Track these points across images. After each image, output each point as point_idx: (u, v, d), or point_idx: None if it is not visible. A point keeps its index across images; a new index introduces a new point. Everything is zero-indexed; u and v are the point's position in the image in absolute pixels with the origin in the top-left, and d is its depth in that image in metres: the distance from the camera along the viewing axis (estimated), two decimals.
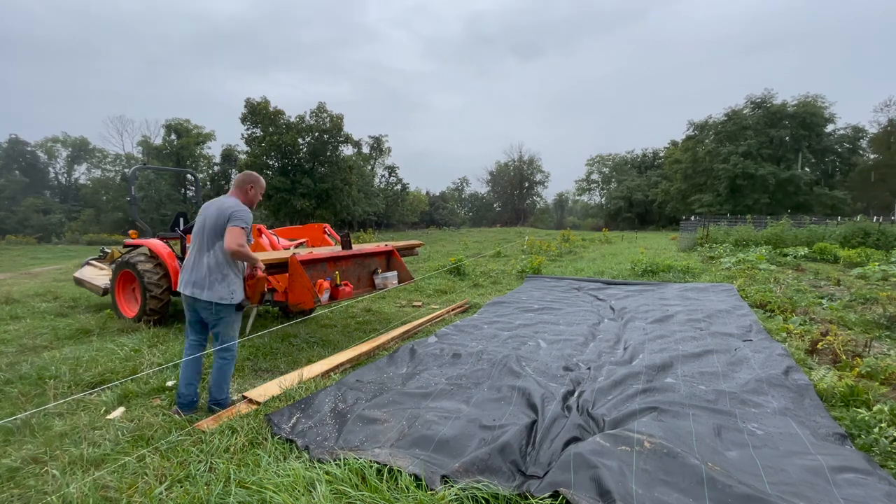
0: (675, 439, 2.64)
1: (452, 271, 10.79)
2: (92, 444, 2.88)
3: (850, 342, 4.64)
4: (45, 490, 2.40)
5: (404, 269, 6.12)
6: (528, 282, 9.80)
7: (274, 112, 42.11)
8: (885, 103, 43.87)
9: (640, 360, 4.36)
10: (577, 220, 77.36)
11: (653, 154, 68.08)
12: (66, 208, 51.17)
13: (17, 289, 9.67)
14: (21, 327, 6.18)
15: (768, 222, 21.45)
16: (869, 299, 6.93)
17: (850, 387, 3.42)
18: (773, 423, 3.02)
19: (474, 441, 2.79)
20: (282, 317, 6.57)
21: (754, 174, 43.26)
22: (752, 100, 47.15)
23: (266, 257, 4.37)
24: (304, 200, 41.00)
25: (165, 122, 50.11)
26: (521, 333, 5.51)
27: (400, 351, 4.65)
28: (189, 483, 2.42)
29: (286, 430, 3.00)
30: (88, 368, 4.29)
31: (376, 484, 2.34)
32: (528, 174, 76.34)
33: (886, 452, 2.66)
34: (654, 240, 28.77)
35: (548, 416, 3.10)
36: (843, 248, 14.45)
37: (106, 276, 7.53)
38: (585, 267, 12.49)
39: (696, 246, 18.99)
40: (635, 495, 2.18)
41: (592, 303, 7.48)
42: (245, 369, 4.36)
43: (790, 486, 2.31)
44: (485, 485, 2.31)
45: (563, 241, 22.29)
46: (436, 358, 4.48)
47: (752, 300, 7.10)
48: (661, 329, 5.58)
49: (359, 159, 50.35)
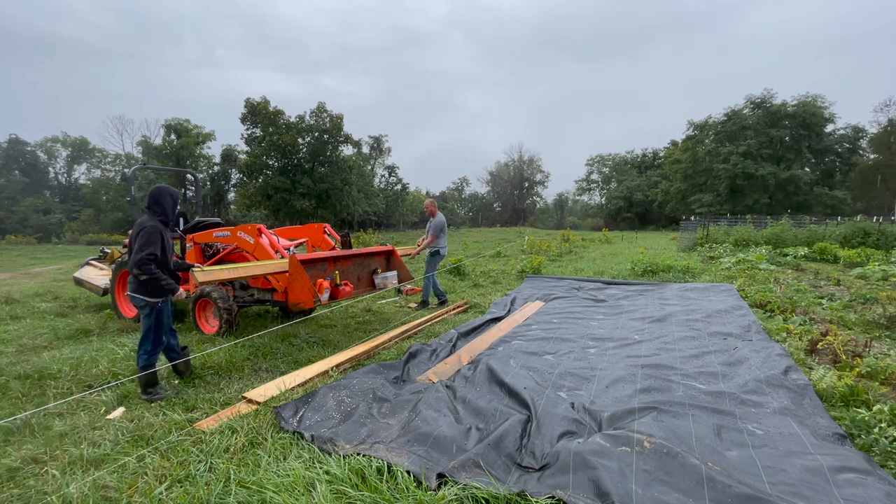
0: (674, 439, 2.65)
1: (452, 271, 10.79)
2: (92, 444, 2.88)
3: (850, 342, 4.64)
4: (45, 490, 2.40)
5: (404, 269, 6.13)
6: (527, 282, 9.79)
7: (274, 112, 42.10)
8: (885, 103, 43.89)
9: (639, 360, 4.36)
10: (577, 220, 77.30)
11: (653, 154, 68.06)
12: (65, 208, 51.12)
13: (17, 289, 9.67)
14: (21, 327, 6.18)
15: (768, 222, 21.43)
16: (869, 299, 6.93)
17: (850, 387, 3.41)
18: (773, 423, 3.02)
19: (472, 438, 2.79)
20: (282, 317, 6.57)
21: (754, 174, 43.27)
22: (752, 100, 47.13)
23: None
24: (304, 200, 41.02)
25: (165, 122, 50.13)
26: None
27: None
28: (189, 483, 2.42)
29: (293, 423, 3.10)
30: (88, 368, 4.29)
31: (376, 484, 2.34)
32: (528, 174, 76.35)
33: (886, 452, 2.66)
34: (654, 240, 28.77)
35: (540, 409, 3.12)
36: (843, 248, 14.44)
37: (106, 276, 7.53)
38: (585, 267, 12.49)
39: (696, 246, 18.99)
40: (635, 495, 2.18)
41: (591, 303, 7.48)
42: (245, 369, 4.36)
43: (790, 486, 2.31)
44: (485, 483, 2.31)
45: (562, 241, 22.29)
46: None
47: (752, 300, 7.09)
48: (661, 329, 5.58)
49: (359, 159, 50.35)
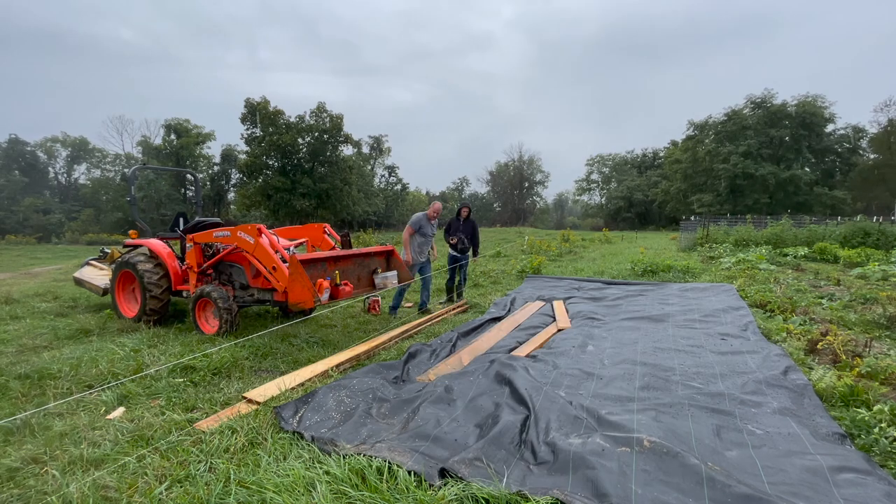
0: (674, 439, 2.65)
1: None
2: (92, 444, 2.88)
3: (850, 342, 4.63)
4: (45, 490, 2.40)
5: (404, 269, 6.12)
6: (527, 282, 9.80)
7: (273, 112, 42.07)
8: (885, 103, 43.81)
9: (638, 360, 4.36)
10: (577, 220, 77.26)
11: (653, 154, 68.06)
12: (65, 208, 51.12)
13: (17, 289, 9.66)
14: (21, 327, 6.18)
15: (768, 222, 21.43)
16: (869, 299, 6.93)
17: (850, 387, 3.41)
18: (773, 423, 3.02)
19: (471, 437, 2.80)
20: (282, 317, 6.57)
21: (754, 174, 43.25)
22: (752, 100, 47.13)
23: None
24: (304, 200, 41.02)
25: (165, 122, 50.11)
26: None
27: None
28: (189, 483, 2.42)
29: (293, 423, 3.09)
30: (88, 368, 4.29)
31: (376, 484, 2.34)
32: (528, 174, 76.33)
33: (886, 452, 2.66)
34: (654, 240, 28.77)
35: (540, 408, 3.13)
36: (843, 248, 14.42)
37: (106, 277, 7.53)
38: (585, 267, 12.49)
39: (696, 246, 18.98)
40: (634, 495, 2.18)
41: (591, 303, 7.48)
42: (245, 369, 4.36)
43: (790, 486, 2.32)
44: (486, 482, 2.31)
45: (562, 241, 22.28)
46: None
47: (751, 300, 7.09)
48: (661, 329, 5.58)
49: (359, 159, 50.31)
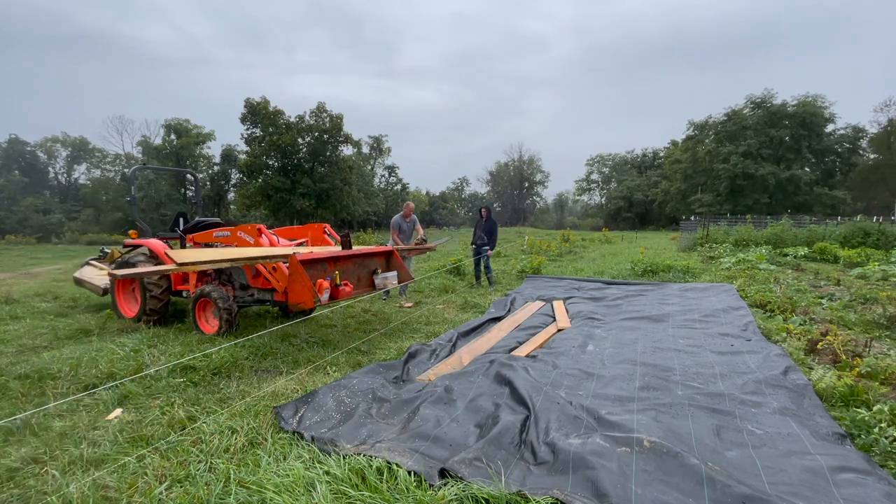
0: (674, 439, 2.65)
1: (452, 271, 10.80)
2: (92, 444, 2.88)
3: (850, 342, 4.63)
4: (45, 490, 2.40)
5: (404, 270, 6.13)
6: (527, 282, 9.80)
7: (273, 112, 42.06)
8: (885, 103, 43.81)
9: (638, 360, 4.36)
10: (577, 220, 77.26)
11: (653, 154, 68.06)
12: (65, 208, 51.04)
13: (17, 289, 9.66)
14: (21, 327, 6.18)
15: (768, 222, 21.44)
16: (869, 299, 6.93)
17: (850, 387, 3.41)
18: (773, 423, 3.02)
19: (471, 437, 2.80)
20: (282, 317, 6.57)
21: (754, 174, 43.25)
22: (752, 100, 47.13)
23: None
24: (304, 200, 40.99)
25: (165, 121, 50.09)
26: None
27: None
28: (189, 483, 2.42)
29: (293, 423, 3.09)
30: (88, 368, 4.28)
31: (376, 484, 2.34)
32: (528, 174, 76.36)
33: (886, 452, 2.66)
34: (654, 240, 28.77)
35: (539, 408, 3.13)
36: (843, 248, 14.43)
37: (106, 277, 7.53)
38: (585, 267, 12.49)
39: (696, 246, 18.98)
40: (634, 496, 2.18)
41: (591, 303, 7.48)
42: (245, 369, 4.36)
43: (790, 486, 2.32)
44: (485, 481, 2.31)
45: (562, 241, 22.28)
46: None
47: (751, 300, 7.09)
48: (661, 329, 5.58)
49: (359, 159, 50.27)
